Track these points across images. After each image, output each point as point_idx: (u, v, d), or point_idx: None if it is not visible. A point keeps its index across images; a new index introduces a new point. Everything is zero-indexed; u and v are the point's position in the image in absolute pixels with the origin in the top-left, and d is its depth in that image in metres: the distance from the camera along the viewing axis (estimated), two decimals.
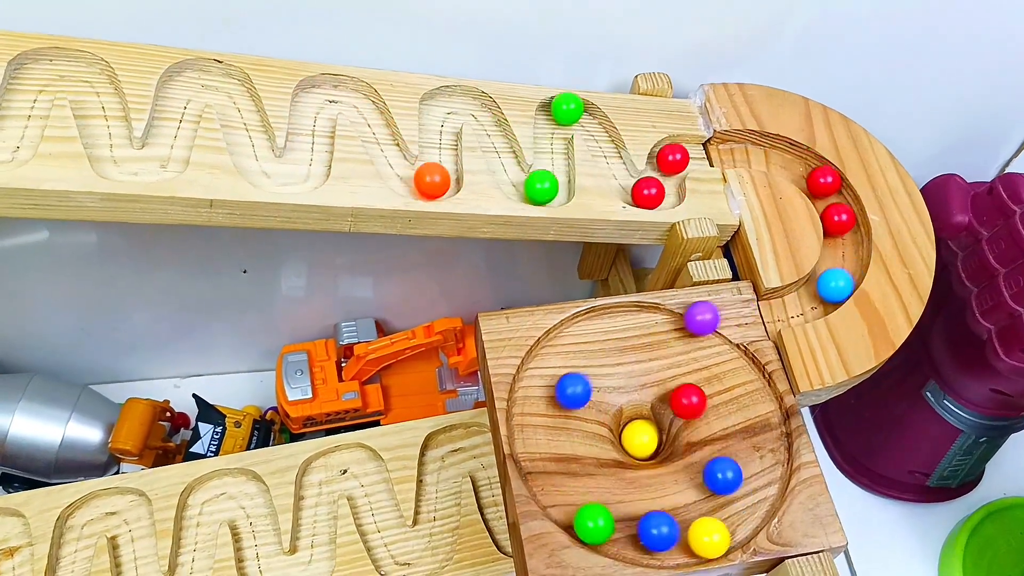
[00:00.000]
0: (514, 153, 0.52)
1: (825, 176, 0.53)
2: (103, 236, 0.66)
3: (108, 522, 0.52)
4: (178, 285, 0.71)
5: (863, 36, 0.59)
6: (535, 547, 0.43)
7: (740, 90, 0.56)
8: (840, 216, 0.52)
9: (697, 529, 0.43)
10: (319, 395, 0.72)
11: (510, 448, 0.46)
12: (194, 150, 0.45)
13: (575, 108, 0.52)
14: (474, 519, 0.52)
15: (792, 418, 0.48)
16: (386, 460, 0.54)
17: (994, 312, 0.59)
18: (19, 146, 0.43)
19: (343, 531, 0.51)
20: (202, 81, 0.48)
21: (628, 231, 0.51)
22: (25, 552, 0.52)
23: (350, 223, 0.48)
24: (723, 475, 0.44)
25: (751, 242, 0.51)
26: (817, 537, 0.44)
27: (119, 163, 0.44)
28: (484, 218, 0.49)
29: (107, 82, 0.46)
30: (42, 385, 0.67)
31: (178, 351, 0.77)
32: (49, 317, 0.71)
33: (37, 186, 0.42)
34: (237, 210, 0.45)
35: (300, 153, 0.48)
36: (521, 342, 0.49)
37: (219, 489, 0.53)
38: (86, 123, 0.45)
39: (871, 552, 0.75)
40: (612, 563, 0.43)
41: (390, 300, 0.76)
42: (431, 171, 0.47)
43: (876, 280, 0.51)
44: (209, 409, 0.70)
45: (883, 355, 0.49)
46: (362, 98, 0.51)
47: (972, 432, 0.69)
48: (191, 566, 0.51)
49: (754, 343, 0.50)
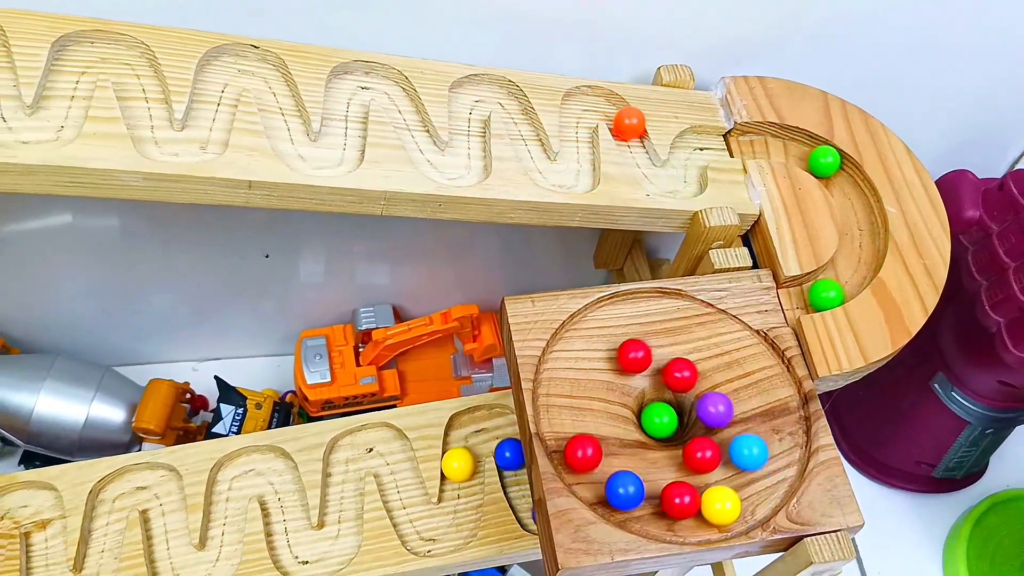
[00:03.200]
0: (540, 141, 0.53)
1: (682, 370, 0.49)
2: (125, 220, 0.67)
3: (139, 496, 0.54)
4: (199, 269, 0.72)
5: (877, 33, 0.60)
6: (561, 522, 0.44)
7: (760, 83, 0.57)
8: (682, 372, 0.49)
9: (710, 497, 0.45)
10: (337, 379, 0.73)
11: (536, 427, 0.47)
12: (233, 133, 0.46)
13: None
14: (497, 497, 0.53)
15: (810, 402, 0.49)
16: (411, 439, 0.55)
17: (1003, 305, 0.61)
18: (63, 125, 0.44)
19: (370, 507, 0.53)
20: (239, 66, 0.49)
21: (652, 218, 0.52)
22: (57, 525, 0.53)
23: (382, 206, 0.49)
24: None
25: (771, 231, 0.53)
26: (835, 517, 0.46)
27: (160, 144, 0.46)
28: (512, 203, 0.50)
29: (147, 65, 0.47)
30: (66, 365, 0.68)
31: (197, 335, 0.78)
32: (72, 299, 0.72)
33: (83, 164, 0.43)
34: (275, 192, 0.46)
35: (334, 138, 0.49)
36: (546, 325, 0.50)
37: (248, 466, 0.54)
38: (128, 105, 0.46)
39: (877, 541, 0.76)
40: (636, 539, 0.44)
41: (407, 287, 0.77)
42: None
43: (893, 270, 0.52)
44: (230, 391, 0.71)
45: (899, 342, 0.50)
46: (393, 85, 0.52)
47: (979, 424, 0.70)
48: (221, 539, 0.52)
49: (774, 329, 0.51)
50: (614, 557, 0.44)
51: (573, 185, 0.52)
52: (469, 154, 0.51)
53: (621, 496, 0.44)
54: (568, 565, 0.43)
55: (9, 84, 0.44)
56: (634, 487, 0.44)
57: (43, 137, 0.44)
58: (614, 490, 0.44)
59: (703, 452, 0.46)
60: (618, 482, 0.44)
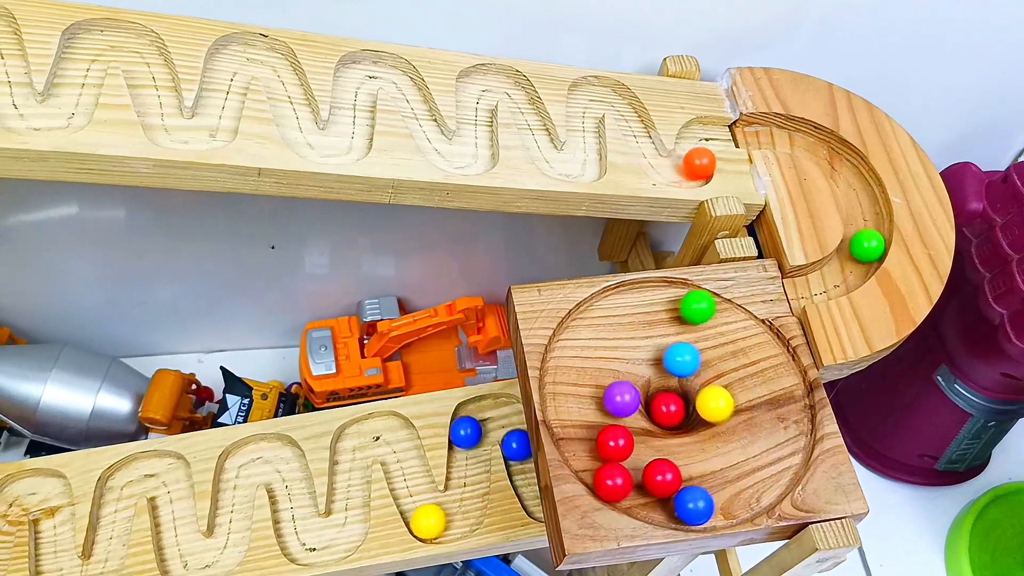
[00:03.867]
0: (547, 130, 0.53)
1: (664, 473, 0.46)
2: (132, 211, 0.67)
3: (147, 484, 0.54)
4: (204, 261, 0.72)
5: (882, 26, 0.61)
6: (567, 508, 0.44)
7: (766, 74, 0.58)
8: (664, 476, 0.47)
9: (704, 396, 0.47)
10: (342, 370, 0.74)
11: (543, 415, 0.47)
12: (242, 121, 0.47)
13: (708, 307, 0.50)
14: (504, 485, 0.54)
15: (815, 391, 0.49)
16: (418, 428, 0.55)
17: (1007, 297, 0.61)
18: (74, 113, 0.45)
19: (376, 495, 0.53)
20: (247, 55, 0.50)
21: (658, 208, 0.53)
22: (66, 512, 0.53)
23: (390, 194, 0.49)
24: (694, 504, 0.44)
25: (776, 221, 0.53)
26: (840, 504, 0.46)
27: (170, 131, 0.46)
28: (519, 192, 0.50)
29: (157, 53, 0.48)
30: (73, 355, 0.69)
31: (202, 326, 0.79)
32: (78, 291, 0.73)
33: (93, 151, 0.43)
34: (284, 179, 0.47)
35: (342, 126, 0.49)
36: (553, 314, 0.50)
37: (255, 454, 0.55)
38: (138, 92, 0.46)
39: (879, 533, 0.76)
40: (642, 525, 0.44)
41: (412, 279, 0.78)
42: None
43: (897, 260, 0.53)
44: (236, 381, 0.72)
45: (904, 332, 0.50)
46: (401, 74, 0.52)
47: (981, 416, 0.71)
48: (229, 527, 0.52)
49: (779, 319, 0.51)
50: (620, 543, 0.44)
51: (580, 174, 0.52)
52: (476, 143, 0.52)
53: (691, 511, 0.44)
54: (575, 551, 0.43)
55: (20, 71, 0.45)
56: (704, 502, 0.44)
57: (54, 124, 0.44)
58: (683, 505, 0.44)
59: (667, 407, 0.48)
60: (687, 497, 0.44)
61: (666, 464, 0.45)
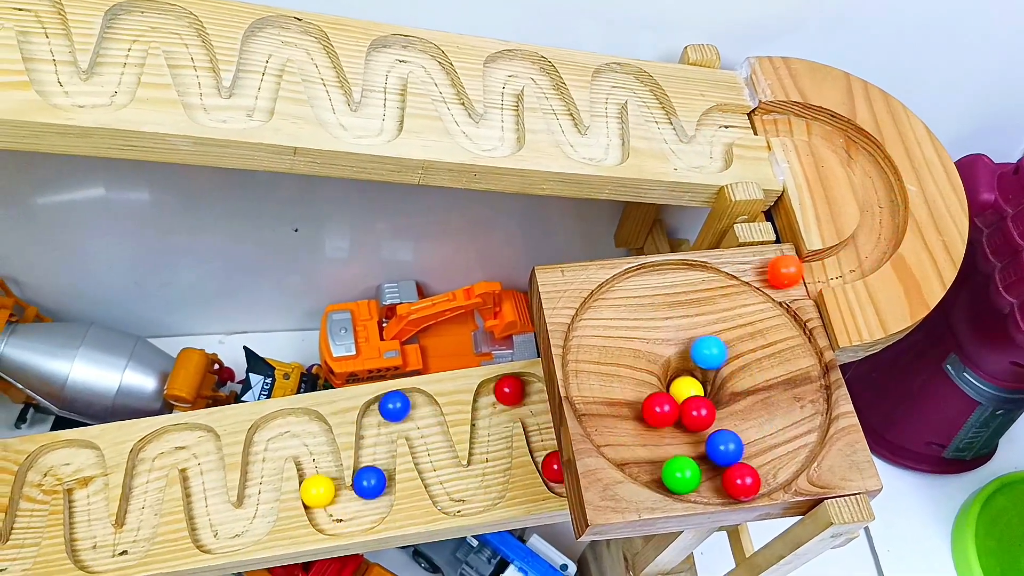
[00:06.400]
0: (571, 115, 0.54)
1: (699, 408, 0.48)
2: (158, 193, 0.68)
3: (178, 456, 0.55)
4: (228, 243, 0.73)
5: (898, 17, 0.62)
6: (590, 481, 0.46)
7: (784, 63, 0.59)
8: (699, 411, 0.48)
9: (306, 484, 0.53)
10: (362, 352, 0.75)
11: (566, 391, 0.48)
12: (278, 101, 0.48)
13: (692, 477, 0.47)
14: (525, 460, 0.55)
15: (831, 372, 0.50)
16: (441, 404, 0.56)
17: (1017, 287, 0.62)
18: (116, 91, 0.46)
19: (401, 468, 0.54)
20: (282, 37, 0.51)
21: (679, 192, 0.54)
22: (99, 482, 0.55)
23: (420, 175, 0.50)
24: (725, 447, 0.46)
25: (794, 206, 0.54)
26: (854, 480, 0.47)
27: (209, 111, 0.47)
28: (545, 175, 0.52)
29: (195, 35, 0.49)
30: (100, 334, 0.70)
31: (224, 308, 0.80)
32: (104, 271, 0.74)
33: (136, 128, 0.45)
34: (318, 159, 0.48)
35: (374, 108, 0.51)
36: (575, 294, 0.51)
37: (283, 428, 0.56)
38: (177, 72, 0.48)
39: (887, 520, 0.78)
40: (663, 498, 0.46)
41: (431, 264, 0.79)
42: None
43: (912, 246, 0.54)
44: (259, 361, 0.73)
45: (918, 315, 0.52)
46: (430, 59, 0.53)
47: (990, 405, 0.72)
48: (258, 498, 0.54)
49: (796, 301, 0.52)
50: (641, 515, 0.45)
51: (603, 158, 0.54)
52: (503, 126, 0.53)
53: (722, 452, 0.46)
54: (597, 522, 0.45)
55: (65, 50, 0.46)
56: (734, 444, 0.46)
57: (98, 102, 0.45)
58: (715, 447, 0.46)
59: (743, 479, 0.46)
60: (719, 440, 0.46)
61: (701, 400, 0.47)
